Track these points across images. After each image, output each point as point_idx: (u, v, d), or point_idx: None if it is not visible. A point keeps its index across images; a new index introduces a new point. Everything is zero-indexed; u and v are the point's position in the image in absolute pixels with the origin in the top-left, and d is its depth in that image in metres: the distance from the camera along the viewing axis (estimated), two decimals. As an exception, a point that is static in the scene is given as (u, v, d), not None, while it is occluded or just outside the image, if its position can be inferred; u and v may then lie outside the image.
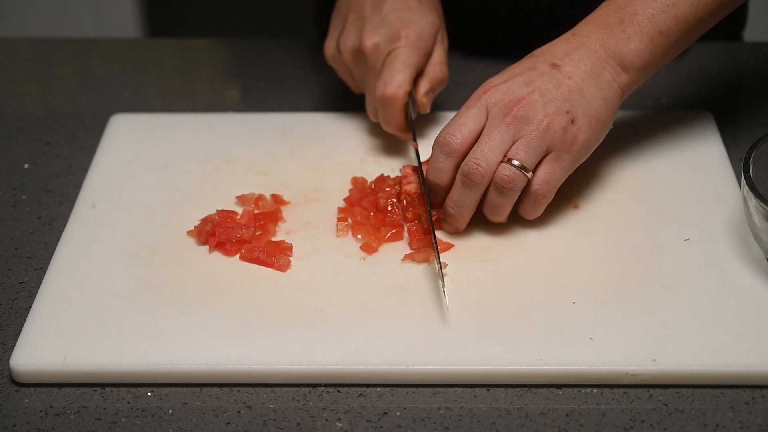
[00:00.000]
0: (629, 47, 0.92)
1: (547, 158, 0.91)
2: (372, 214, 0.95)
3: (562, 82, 0.91)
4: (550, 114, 0.89)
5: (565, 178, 0.92)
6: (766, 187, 0.87)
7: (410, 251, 0.92)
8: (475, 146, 0.91)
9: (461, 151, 0.91)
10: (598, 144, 0.93)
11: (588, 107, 0.91)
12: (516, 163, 0.89)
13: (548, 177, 0.91)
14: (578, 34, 0.93)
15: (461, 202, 0.92)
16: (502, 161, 0.90)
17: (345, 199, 0.98)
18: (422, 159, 0.97)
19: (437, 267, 0.88)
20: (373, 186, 0.98)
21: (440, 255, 0.89)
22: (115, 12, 2.29)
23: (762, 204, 0.83)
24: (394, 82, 0.99)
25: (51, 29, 2.22)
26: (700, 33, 0.95)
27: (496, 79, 0.93)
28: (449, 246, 0.92)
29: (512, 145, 0.90)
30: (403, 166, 0.99)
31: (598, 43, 0.92)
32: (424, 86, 1.02)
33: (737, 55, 1.25)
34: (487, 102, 0.91)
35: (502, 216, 0.92)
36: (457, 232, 0.94)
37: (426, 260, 0.90)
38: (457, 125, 0.92)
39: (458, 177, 0.91)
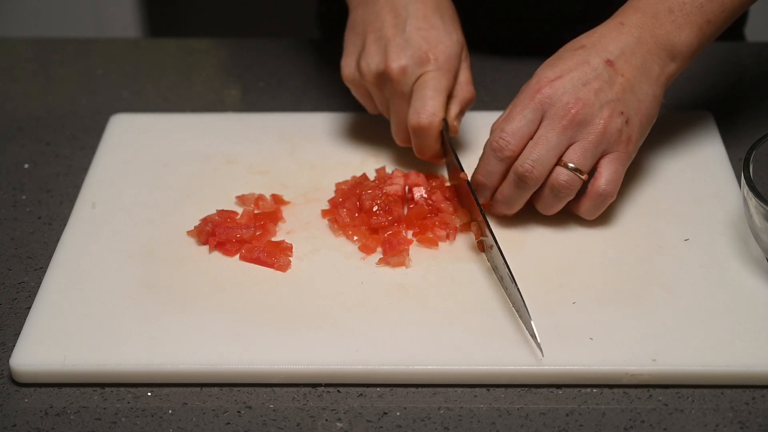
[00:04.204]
0: (680, 38, 0.92)
1: (607, 158, 0.91)
2: (356, 215, 0.94)
3: (615, 80, 0.90)
4: (606, 117, 0.89)
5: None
6: (766, 187, 0.87)
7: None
8: (530, 147, 0.90)
9: (514, 157, 0.91)
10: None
11: (639, 106, 0.91)
12: (572, 166, 0.89)
13: (614, 176, 0.91)
14: (627, 24, 0.92)
15: (512, 200, 0.92)
16: (557, 164, 0.90)
17: (329, 201, 0.98)
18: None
19: (507, 284, 0.85)
20: (355, 187, 0.98)
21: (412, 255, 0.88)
22: (115, 12, 2.29)
23: (762, 204, 0.83)
24: (428, 110, 0.95)
25: (51, 29, 2.22)
26: (738, 16, 0.95)
27: (549, 73, 0.91)
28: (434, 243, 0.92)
29: (568, 148, 0.90)
30: (394, 170, 0.99)
31: (648, 33, 0.91)
32: (454, 109, 0.98)
33: (738, 54, 1.24)
34: (543, 101, 0.90)
35: (553, 212, 0.93)
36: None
37: (401, 264, 0.90)
38: (512, 130, 0.90)
39: (511, 176, 0.91)
